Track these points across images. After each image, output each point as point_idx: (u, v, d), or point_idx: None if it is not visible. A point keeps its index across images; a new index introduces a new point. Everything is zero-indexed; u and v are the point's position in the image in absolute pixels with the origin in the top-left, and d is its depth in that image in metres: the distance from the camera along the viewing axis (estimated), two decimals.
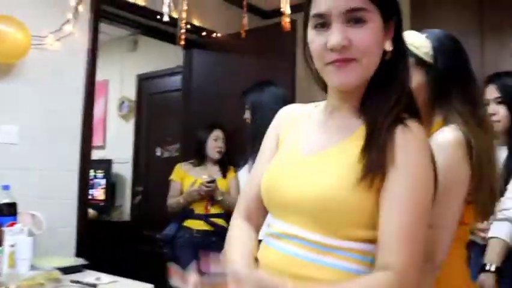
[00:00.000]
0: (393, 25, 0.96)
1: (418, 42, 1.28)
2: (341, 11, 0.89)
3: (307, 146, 1.01)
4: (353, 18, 0.89)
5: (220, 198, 3.12)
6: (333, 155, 0.95)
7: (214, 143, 3.29)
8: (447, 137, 1.15)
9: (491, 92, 1.97)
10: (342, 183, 0.88)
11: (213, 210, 3.16)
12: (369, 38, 0.90)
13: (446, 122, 1.21)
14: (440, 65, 1.25)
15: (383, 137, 0.89)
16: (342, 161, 0.92)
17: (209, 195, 3.12)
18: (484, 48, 2.95)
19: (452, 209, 1.13)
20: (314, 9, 0.92)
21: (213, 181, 3.09)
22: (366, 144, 0.90)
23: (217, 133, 3.30)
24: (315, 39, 0.93)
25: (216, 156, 3.29)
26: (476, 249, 1.88)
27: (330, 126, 1.01)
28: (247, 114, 2.70)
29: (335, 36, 0.88)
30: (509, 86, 1.94)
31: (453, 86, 1.23)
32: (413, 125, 0.92)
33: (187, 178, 3.27)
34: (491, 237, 1.81)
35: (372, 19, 0.90)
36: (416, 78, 1.24)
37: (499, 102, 1.93)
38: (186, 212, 3.18)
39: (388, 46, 0.95)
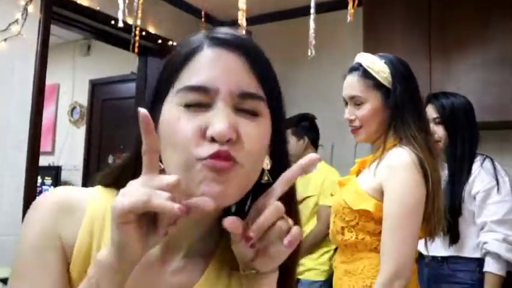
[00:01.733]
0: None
1: (378, 67, 1.36)
2: (233, 91, 0.61)
3: None
4: (246, 106, 0.63)
5: None
6: None
7: None
8: (405, 159, 1.26)
9: (431, 112, 2.04)
10: None
11: None
12: (261, 138, 0.64)
13: (399, 144, 1.32)
14: (399, 91, 1.34)
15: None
16: None
17: None
18: (432, 68, 3.08)
19: (416, 226, 1.24)
20: (189, 78, 0.62)
21: None
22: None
23: None
24: (183, 119, 0.61)
25: None
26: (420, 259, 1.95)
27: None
28: None
29: (221, 121, 0.59)
30: (447, 107, 2.02)
31: (409, 111, 1.34)
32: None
33: None
34: (486, 272, 1.89)
35: (265, 114, 0.65)
36: (374, 101, 1.36)
37: (437, 123, 2.01)
38: None
39: (265, 164, 0.68)
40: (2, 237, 2.65)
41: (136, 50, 2.72)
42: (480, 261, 1.93)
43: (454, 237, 1.92)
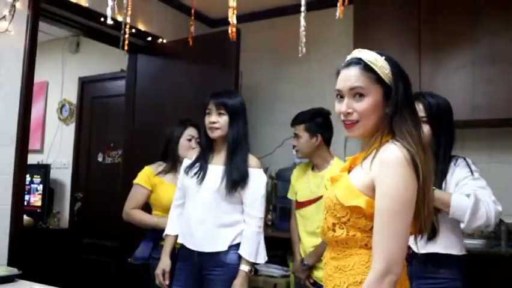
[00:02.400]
0: None
1: (380, 62, 1.36)
2: None
3: None
4: None
5: None
6: None
7: (188, 143, 2.73)
8: (396, 154, 1.27)
9: (418, 111, 2.06)
10: None
11: None
12: None
13: (391, 140, 1.32)
14: (401, 89, 1.35)
15: None
16: None
17: None
18: (421, 67, 3.10)
19: (407, 222, 1.25)
20: None
21: None
22: None
23: (191, 131, 2.76)
24: None
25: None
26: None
27: None
28: (222, 118, 2.35)
29: None
30: (433, 106, 2.05)
31: (407, 109, 1.35)
32: None
33: (162, 187, 2.68)
34: (454, 195, 1.88)
35: None
36: (375, 95, 1.35)
37: (423, 121, 2.02)
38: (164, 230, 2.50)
39: None
40: None
41: (126, 47, 2.69)
42: (459, 258, 1.95)
43: (432, 233, 1.93)
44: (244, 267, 2.25)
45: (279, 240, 3.22)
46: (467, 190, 1.90)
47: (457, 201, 1.86)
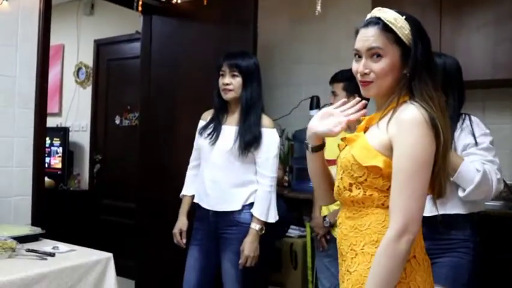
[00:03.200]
0: None
1: (399, 22, 1.33)
2: None
3: None
4: None
5: None
6: None
7: None
8: (416, 114, 1.26)
9: None
10: None
11: None
12: None
13: (409, 100, 1.31)
14: (420, 51, 1.32)
15: None
16: None
17: None
18: (442, 24, 3.00)
19: (425, 182, 1.26)
20: None
21: None
22: None
23: None
24: None
25: None
26: None
27: None
28: (235, 80, 2.36)
29: None
30: (440, 66, 2.00)
31: (427, 71, 1.33)
32: None
33: None
34: (464, 164, 1.89)
35: None
36: (393, 56, 1.33)
37: None
38: None
39: None
40: (13, 197, 2.69)
41: (140, 8, 2.67)
42: (467, 217, 1.96)
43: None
44: (254, 226, 2.29)
45: (295, 201, 3.25)
46: (477, 163, 1.88)
47: (465, 170, 1.87)
